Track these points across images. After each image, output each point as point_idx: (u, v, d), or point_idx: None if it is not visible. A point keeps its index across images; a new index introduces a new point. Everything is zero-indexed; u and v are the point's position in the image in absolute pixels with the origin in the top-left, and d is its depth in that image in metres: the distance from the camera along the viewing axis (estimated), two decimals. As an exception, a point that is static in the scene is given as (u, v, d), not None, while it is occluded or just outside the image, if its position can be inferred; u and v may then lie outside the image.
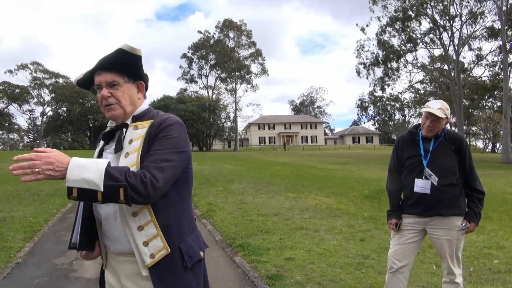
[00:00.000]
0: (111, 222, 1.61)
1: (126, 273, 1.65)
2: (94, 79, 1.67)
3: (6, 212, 8.26)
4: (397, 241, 3.08)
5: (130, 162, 1.55)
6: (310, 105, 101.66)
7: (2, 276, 4.47)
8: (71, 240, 1.67)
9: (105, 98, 1.62)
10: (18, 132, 74.76)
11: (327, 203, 9.39)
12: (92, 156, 1.74)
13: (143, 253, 1.55)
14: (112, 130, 1.71)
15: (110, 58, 1.63)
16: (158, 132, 1.58)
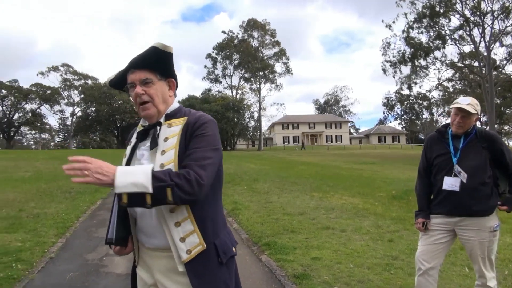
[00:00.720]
0: (147, 218, 1.63)
1: (161, 268, 1.67)
2: (127, 78, 1.70)
3: (39, 208, 8.57)
4: (424, 242, 3.01)
5: (168, 160, 1.57)
6: (335, 104, 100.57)
7: (37, 270, 4.63)
8: (107, 235, 1.70)
9: (139, 95, 1.64)
10: (50, 132, 77.40)
11: (353, 203, 9.27)
12: (122, 154, 1.80)
13: (180, 249, 1.58)
14: (145, 128, 1.73)
15: (143, 56, 1.65)
16: (194, 130, 1.61)
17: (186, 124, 1.65)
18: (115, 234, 1.67)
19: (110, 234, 1.68)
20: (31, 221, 7.23)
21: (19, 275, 4.40)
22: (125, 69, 1.70)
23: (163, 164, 1.57)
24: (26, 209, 8.48)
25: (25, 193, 10.80)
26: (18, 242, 5.76)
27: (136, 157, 1.70)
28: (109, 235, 1.69)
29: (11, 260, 4.86)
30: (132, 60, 1.67)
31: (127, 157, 1.73)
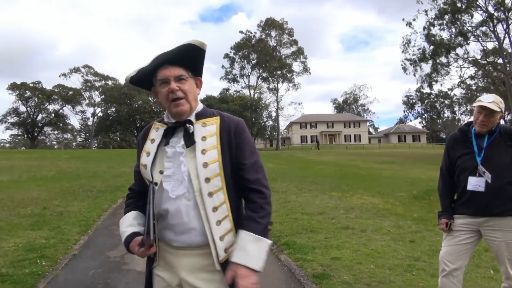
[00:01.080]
0: (182, 216, 1.60)
1: (188, 267, 1.64)
2: (157, 73, 1.66)
3: (63, 207, 8.77)
4: (448, 242, 2.94)
5: (211, 159, 1.62)
6: (353, 103, 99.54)
7: (61, 267, 4.74)
8: (148, 235, 1.59)
9: (174, 91, 1.61)
10: (72, 132, 79.17)
11: (373, 203, 9.15)
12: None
13: (219, 247, 1.59)
14: (172, 126, 1.69)
15: (179, 53, 1.63)
16: (238, 135, 1.69)
17: (224, 126, 1.69)
18: (154, 234, 1.61)
19: (150, 234, 1.58)
20: (54, 219, 7.41)
21: (43, 271, 4.51)
22: (156, 65, 1.65)
23: (207, 163, 1.60)
24: (50, 207, 8.70)
25: (49, 191, 11.07)
26: (42, 239, 5.90)
27: (167, 154, 1.65)
28: (146, 235, 1.59)
29: (36, 257, 4.99)
30: (166, 55, 1.64)
31: (152, 155, 1.69)
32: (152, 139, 1.74)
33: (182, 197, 1.60)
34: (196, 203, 1.60)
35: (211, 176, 1.60)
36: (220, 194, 1.62)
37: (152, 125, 1.80)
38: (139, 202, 1.80)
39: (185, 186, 1.60)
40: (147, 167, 1.68)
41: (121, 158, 25.96)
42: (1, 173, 15.53)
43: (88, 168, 18.95)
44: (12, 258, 4.95)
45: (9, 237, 5.91)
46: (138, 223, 1.73)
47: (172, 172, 1.63)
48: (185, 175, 1.60)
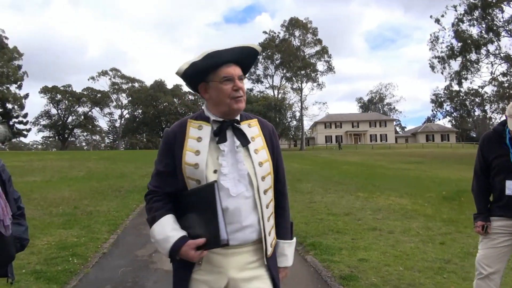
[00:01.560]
0: (241, 213, 1.62)
1: (237, 266, 1.64)
2: (218, 70, 1.66)
3: (92, 206, 9.01)
4: (485, 245, 2.83)
5: (263, 159, 1.72)
6: (379, 102, 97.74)
7: (92, 264, 4.87)
8: (220, 236, 1.52)
9: (238, 89, 1.66)
10: (100, 133, 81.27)
11: (401, 203, 8.96)
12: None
13: (268, 242, 1.70)
14: (226, 125, 1.69)
15: (243, 54, 1.71)
16: (275, 138, 1.84)
17: (263, 128, 1.81)
18: (227, 234, 1.54)
19: (222, 235, 1.52)
20: (85, 218, 7.62)
21: (75, 269, 4.64)
22: (219, 62, 1.66)
23: (261, 162, 1.70)
24: (80, 206, 8.95)
25: (79, 191, 11.40)
26: (74, 238, 6.08)
27: (223, 153, 1.65)
28: (222, 236, 1.52)
29: (68, 255, 5.15)
30: (232, 54, 1.67)
31: (204, 153, 1.65)
32: (199, 137, 1.69)
33: (242, 195, 1.64)
34: (254, 200, 1.66)
35: (265, 175, 1.70)
36: (270, 192, 1.74)
37: (187, 123, 1.74)
38: (169, 205, 1.72)
39: (244, 184, 1.64)
40: (199, 167, 1.63)
41: (147, 158, 26.43)
42: (35, 174, 16.10)
43: (116, 168, 19.39)
44: (46, 255, 5.12)
45: (42, 236, 6.12)
46: (179, 227, 1.65)
47: (228, 170, 1.63)
48: (244, 173, 1.65)
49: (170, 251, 1.58)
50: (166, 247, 1.59)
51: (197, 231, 1.59)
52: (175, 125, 1.79)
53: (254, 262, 1.68)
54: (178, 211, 1.71)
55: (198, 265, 1.65)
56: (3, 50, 52.84)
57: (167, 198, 1.72)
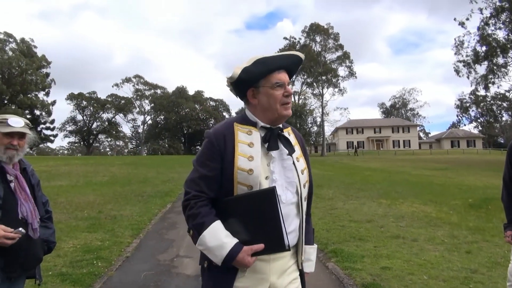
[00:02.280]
0: (289, 220, 1.66)
1: (278, 271, 1.66)
2: (270, 76, 1.67)
3: (116, 210, 9.18)
4: None
5: (303, 167, 1.78)
6: (402, 108, 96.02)
7: (115, 268, 4.95)
8: (283, 241, 1.56)
9: (288, 96, 1.70)
10: (123, 139, 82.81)
11: (425, 211, 8.76)
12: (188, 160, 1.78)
13: (304, 247, 1.78)
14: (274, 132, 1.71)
15: (292, 62, 1.76)
16: (305, 146, 1.90)
17: (298, 136, 1.88)
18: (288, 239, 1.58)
19: (287, 240, 1.56)
20: (109, 222, 7.77)
21: (99, 272, 4.74)
22: (272, 68, 1.68)
23: (302, 170, 1.75)
24: (104, 210, 9.14)
25: (103, 196, 11.64)
26: (98, 241, 6.21)
27: (273, 160, 1.67)
28: (286, 241, 1.56)
29: (93, 258, 5.26)
30: (284, 61, 1.72)
31: (257, 160, 1.63)
32: (250, 142, 1.66)
33: (290, 202, 1.68)
34: (298, 207, 1.72)
35: (305, 183, 1.77)
36: (307, 199, 1.81)
37: (233, 126, 1.70)
38: (214, 210, 1.65)
39: (291, 192, 1.69)
40: (254, 173, 1.59)
41: (169, 164, 26.78)
42: (61, 178, 16.54)
43: (138, 173, 19.72)
44: (71, 258, 5.25)
45: (68, 239, 6.28)
46: (229, 233, 1.59)
47: (277, 177, 1.66)
48: (292, 181, 1.69)
49: (226, 258, 1.52)
50: (221, 254, 1.53)
51: (245, 236, 1.55)
52: (221, 127, 1.71)
53: (290, 267, 1.73)
54: (221, 217, 1.62)
55: (242, 272, 1.59)
56: (32, 58, 54.74)
57: (210, 204, 1.65)
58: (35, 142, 2.51)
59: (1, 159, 2.17)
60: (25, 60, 53.11)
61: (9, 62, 51.80)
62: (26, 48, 54.98)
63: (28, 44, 55.80)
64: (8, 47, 53.48)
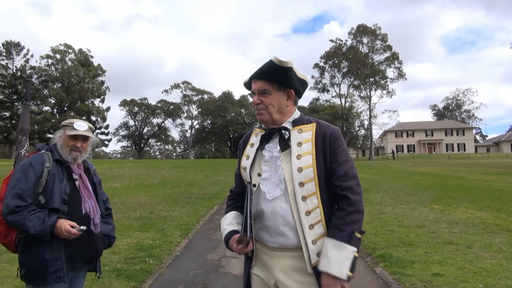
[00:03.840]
0: (276, 218, 1.69)
1: (283, 268, 1.70)
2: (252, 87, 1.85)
3: (166, 211, 9.53)
4: None
5: (306, 164, 1.69)
6: (456, 110, 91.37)
7: (165, 266, 5.17)
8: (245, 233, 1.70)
9: (255, 103, 1.81)
10: (172, 143, 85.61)
11: (482, 217, 8.31)
12: (235, 163, 1.95)
13: (311, 250, 1.65)
14: (269, 132, 1.82)
15: (263, 69, 1.78)
16: (333, 142, 1.74)
17: (319, 132, 1.77)
18: (252, 233, 1.73)
19: (245, 230, 1.70)
20: (159, 222, 8.09)
21: (151, 269, 4.97)
22: (250, 78, 1.84)
23: (301, 168, 1.68)
24: (155, 211, 9.52)
25: (154, 197, 12.12)
26: (149, 240, 6.49)
27: (265, 158, 1.78)
28: (243, 231, 1.70)
29: (145, 256, 5.52)
30: (255, 71, 1.81)
31: (251, 158, 1.84)
32: (252, 143, 1.90)
33: (278, 199, 1.69)
34: (290, 206, 1.68)
35: (305, 181, 1.67)
36: (314, 199, 1.67)
37: (253, 131, 1.96)
38: (238, 203, 1.95)
39: (281, 189, 1.70)
40: (246, 170, 1.84)
41: (216, 167, 27.32)
42: (115, 180, 17.42)
43: (187, 176, 20.30)
44: (125, 255, 5.54)
45: (122, 237, 6.61)
46: (236, 222, 1.87)
47: (269, 175, 1.74)
48: (282, 178, 1.70)
49: (224, 242, 1.83)
50: (223, 238, 1.84)
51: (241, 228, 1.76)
52: (247, 133, 2.01)
53: (303, 269, 1.67)
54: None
55: (253, 261, 1.83)
56: (89, 67, 58.18)
57: (239, 198, 1.97)
58: (98, 145, 2.73)
59: (67, 160, 2.37)
60: (82, 70, 56.64)
61: (68, 71, 55.47)
62: (83, 58, 58.60)
63: (86, 54, 59.41)
64: (68, 58, 57.26)
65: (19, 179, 2.21)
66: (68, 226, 2.17)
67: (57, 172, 2.31)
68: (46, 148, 2.40)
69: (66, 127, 2.43)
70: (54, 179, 2.27)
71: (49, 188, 2.24)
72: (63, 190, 2.27)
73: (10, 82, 52.26)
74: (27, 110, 3.03)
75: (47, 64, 56.07)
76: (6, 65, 53.33)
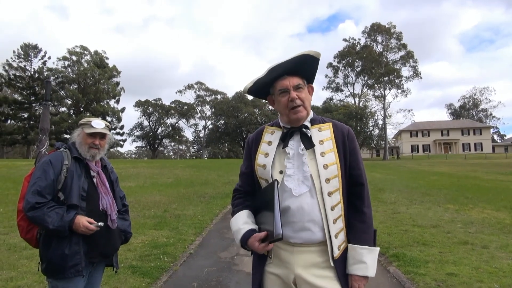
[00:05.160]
0: (303, 214, 1.70)
1: (304, 264, 1.72)
2: (275, 84, 1.81)
3: (180, 210, 9.64)
4: None
5: (330, 161, 1.75)
6: (473, 109, 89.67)
7: (180, 263, 5.24)
8: (274, 231, 1.57)
9: (293, 100, 1.76)
10: (186, 143, 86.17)
11: (498, 217, 8.19)
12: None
13: (334, 244, 1.71)
14: (289, 131, 1.81)
15: (297, 63, 1.77)
16: (351, 141, 1.83)
17: (337, 131, 1.83)
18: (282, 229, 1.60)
19: (277, 229, 1.57)
20: (173, 221, 8.19)
21: (166, 266, 5.05)
22: (275, 76, 1.79)
23: (327, 165, 1.74)
24: (169, 210, 9.64)
25: (168, 196, 12.26)
26: (164, 238, 6.59)
27: (288, 156, 1.77)
28: (276, 230, 1.57)
29: (159, 253, 5.61)
30: (284, 67, 1.77)
31: (271, 156, 1.81)
32: (269, 141, 1.86)
33: (304, 195, 1.71)
34: (317, 201, 1.71)
35: (331, 177, 1.73)
36: (337, 195, 1.74)
37: (264, 129, 1.93)
38: (248, 201, 1.92)
39: (307, 186, 1.72)
40: (266, 167, 1.79)
41: (229, 167, 27.44)
42: (130, 180, 17.65)
43: (200, 176, 20.45)
44: (140, 253, 5.63)
45: (137, 235, 6.72)
46: (251, 221, 1.81)
47: (293, 172, 1.75)
48: (308, 175, 1.72)
49: (240, 241, 1.75)
50: (238, 238, 1.77)
51: (263, 226, 1.72)
52: (255, 131, 1.98)
53: (322, 263, 1.72)
54: (255, 208, 1.87)
55: (269, 259, 1.81)
56: (104, 69, 58.98)
57: (247, 196, 1.93)
58: (114, 143, 2.81)
59: (85, 157, 2.45)
60: (98, 71, 57.41)
61: (84, 73, 56.31)
62: (99, 59, 59.41)
63: (101, 56, 60.23)
64: (84, 59, 58.15)
65: (39, 177, 2.29)
66: (86, 222, 2.24)
67: (76, 169, 2.38)
68: (65, 147, 2.48)
69: (84, 126, 2.51)
70: (73, 176, 2.35)
71: (68, 185, 2.32)
72: (81, 187, 2.35)
73: (28, 83, 53.32)
74: (47, 110, 3.12)
75: (64, 66, 57.04)
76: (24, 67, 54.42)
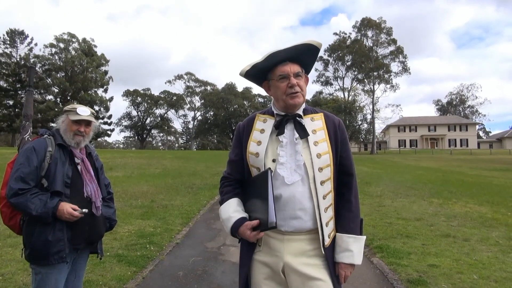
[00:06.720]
0: (295, 202, 1.71)
1: (294, 251, 1.73)
2: (275, 69, 1.80)
3: (167, 200, 9.63)
4: None
5: (323, 151, 1.77)
6: (460, 105, 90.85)
7: (166, 252, 5.25)
8: (268, 219, 1.60)
9: (293, 86, 1.76)
10: (174, 134, 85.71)
11: (480, 211, 8.36)
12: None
13: (325, 232, 1.74)
14: (282, 119, 1.81)
15: (299, 51, 1.78)
16: (342, 132, 1.86)
17: (329, 122, 1.86)
18: (276, 218, 1.61)
19: (271, 218, 1.59)
20: (160, 211, 8.18)
21: (152, 256, 5.05)
22: (276, 61, 1.78)
23: (320, 154, 1.75)
24: (156, 200, 9.62)
25: (156, 186, 12.22)
26: (151, 228, 6.58)
27: (281, 144, 1.77)
28: (270, 219, 1.59)
29: (146, 242, 5.61)
30: (287, 53, 1.77)
31: (264, 144, 1.80)
32: (262, 129, 1.85)
33: (296, 184, 1.72)
34: (310, 190, 1.72)
35: (324, 166, 1.75)
36: (329, 184, 1.77)
37: (255, 117, 1.92)
38: (237, 189, 1.90)
39: (299, 174, 1.73)
40: (259, 156, 1.78)
41: (218, 158, 27.42)
42: (117, 170, 17.53)
43: (188, 167, 20.40)
44: (127, 242, 5.63)
45: (124, 224, 6.71)
46: (242, 209, 1.81)
47: (285, 160, 1.75)
48: (301, 163, 1.73)
49: (231, 229, 1.75)
50: (228, 226, 1.76)
51: (254, 214, 1.73)
52: (246, 119, 1.96)
53: (311, 251, 1.74)
54: (244, 196, 1.87)
55: (258, 247, 1.80)
56: (92, 57, 58.11)
57: (237, 184, 1.92)
58: (99, 130, 2.78)
59: (70, 144, 2.43)
60: (86, 59, 56.55)
61: (72, 61, 55.43)
62: (87, 47, 58.47)
63: (89, 44, 59.28)
64: (71, 47, 57.18)
65: (22, 163, 2.26)
66: (70, 209, 2.23)
67: (60, 156, 2.36)
68: (49, 133, 2.45)
69: (69, 112, 2.48)
70: (57, 163, 2.33)
71: (51, 172, 2.30)
72: (65, 174, 2.33)
73: (14, 70, 52.30)
74: (30, 96, 3.08)
75: (51, 53, 56.10)
76: (10, 53, 53.36)
